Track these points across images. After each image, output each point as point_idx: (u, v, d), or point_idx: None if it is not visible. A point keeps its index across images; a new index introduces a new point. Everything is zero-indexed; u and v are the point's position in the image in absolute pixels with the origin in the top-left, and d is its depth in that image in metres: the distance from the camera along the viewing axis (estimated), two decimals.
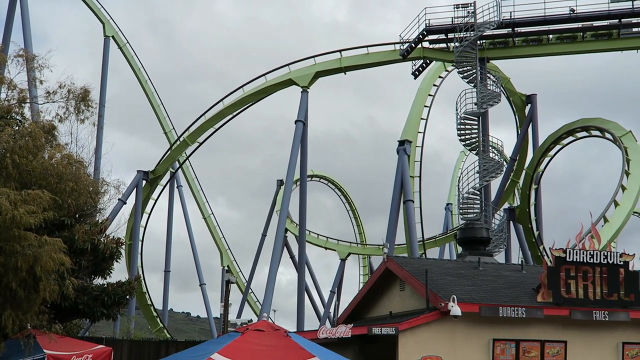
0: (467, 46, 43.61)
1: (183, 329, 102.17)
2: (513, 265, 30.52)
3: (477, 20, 44.13)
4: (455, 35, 44.63)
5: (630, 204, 41.99)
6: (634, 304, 22.16)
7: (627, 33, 44.05)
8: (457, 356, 20.61)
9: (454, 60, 44.67)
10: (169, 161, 55.39)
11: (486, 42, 45.00)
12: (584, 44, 44.97)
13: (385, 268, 25.04)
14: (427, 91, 50.41)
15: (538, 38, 45.28)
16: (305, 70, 48.25)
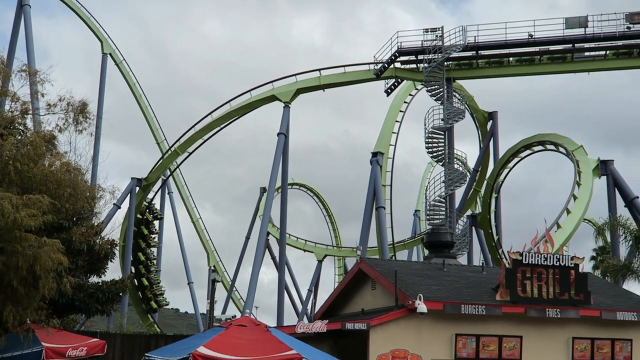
0: (435, 67, 43.85)
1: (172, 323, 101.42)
2: (474, 267, 30.72)
3: (444, 43, 44.39)
4: (424, 57, 44.83)
5: (580, 212, 42.39)
6: (583, 303, 22.40)
7: (579, 57, 44.55)
8: (422, 350, 20.69)
9: (423, 79, 44.86)
10: (161, 169, 55.24)
11: (452, 64, 45.22)
12: (541, 66, 45.40)
13: (358, 269, 25.10)
14: (399, 107, 50.67)
15: (499, 60, 45.65)
16: (287, 87, 48.33)
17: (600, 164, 44.00)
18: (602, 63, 44.71)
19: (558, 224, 43.61)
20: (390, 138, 49.07)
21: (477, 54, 45.03)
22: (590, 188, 42.71)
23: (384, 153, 47.86)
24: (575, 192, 43.61)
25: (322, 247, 69.39)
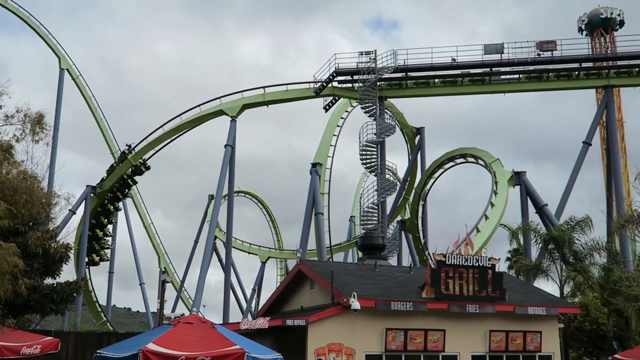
0: (368, 87, 44.30)
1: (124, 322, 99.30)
2: (403, 268, 30.95)
3: (377, 65, 44.92)
4: (359, 77, 45.29)
5: (497, 218, 43.37)
6: (498, 299, 22.78)
7: (496, 79, 45.72)
8: (356, 343, 20.73)
9: (358, 97, 45.26)
10: (115, 177, 54.24)
11: (384, 84, 45.79)
12: (463, 87, 46.35)
13: (298, 270, 25.02)
14: (336, 123, 50.97)
15: (426, 81, 46.42)
16: (234, 102, 48.16)
17: (514, 175, 45.06)
18: (516, 85, 45.95)
19: (477, 228, 44.53)
20: (328, 150, 49.31)
21: (406, 75, 45.70)
22: (505, 196, 43.75)
23: (322, 164, 48.04)
24: (493, 200, 44.62)
25: (266, 250, 69.42)
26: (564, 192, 44.15)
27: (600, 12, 67.73)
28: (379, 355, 21.07)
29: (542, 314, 23.47)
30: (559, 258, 33.09)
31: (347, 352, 20.57)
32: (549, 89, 46.72)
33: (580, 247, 32.90)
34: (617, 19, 67.40)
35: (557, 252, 33.08)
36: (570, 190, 44.10)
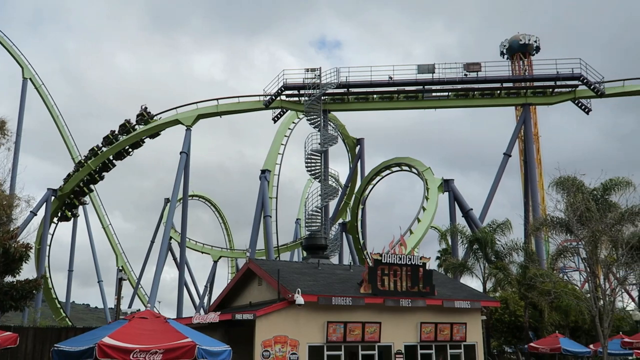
0: (313, 101, 44.42)
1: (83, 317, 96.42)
2: (344, 266, 31.05)
3: (321, 81, 45.11)
4: (305, 92, 45.38)
5: (428, 220, 43.97)
6: (429, 294, 23.06)
7: (428, 96, 46.50)
8: (300, 335, 20.68)
9: (304, 110, 45.33)
10: (74, 181, 52.86)
11: (328, 98, 45.99)
12: (399, 103, 46.98)
13: (247, 268, 24.81)
14: (284, 133, 50.96)
15: (366, 97, 46.87)
16: (189, 113, 47.56)
17: (443, 182, 45.76)
18: (445, 102, 46.83)
19: (410, 230, 45.08)
20: (276, 158, 49.26)
21: (348, 91, 46.03)
22: (435, 201, 44.43)
23: (271, 170, 47.95)
24: (424, 205, 45.24)
25: (218, 249, 68.80)
26: (487, 198, 45.19)
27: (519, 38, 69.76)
28: (321, 346, 21.06)
29: (467, 307, 23.86)
30: (482, 257, 33.80)
31: (292, 343, 20.50)
32: (474, 105, 47.75)
33: (501, 247, 33.66)
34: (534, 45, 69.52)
35: (481, 252, 33.78)
36: (492, 196, 45.13)
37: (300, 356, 20.52)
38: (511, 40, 70.24)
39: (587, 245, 23.68)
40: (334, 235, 48.19)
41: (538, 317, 32.05)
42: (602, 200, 24.01)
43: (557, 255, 29.19)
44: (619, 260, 23.23)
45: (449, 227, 41.41)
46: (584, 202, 23.46)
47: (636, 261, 23.24)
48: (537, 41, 69.91)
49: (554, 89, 45.31)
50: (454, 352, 23.62)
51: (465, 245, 36.60)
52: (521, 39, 69.51)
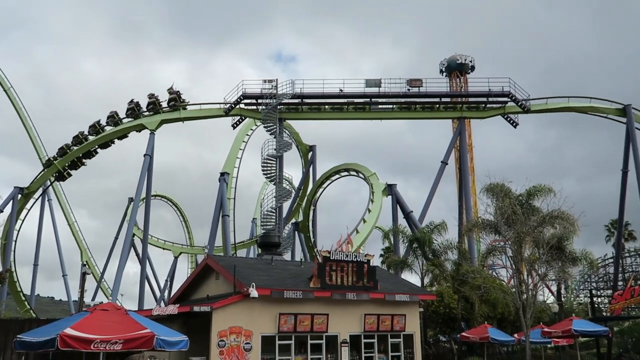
0: (270, 109, 44.23)
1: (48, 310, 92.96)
2: (295, 262, 31.00)
3: (278, 92, 44.97)
4: (262, 101, 45.14)
5: (373, 221, 44.38)
6: (372, 288, 23.18)
7: (375, 108, 46.85)
8: (254, 326, 20.51)
9: (261, 118, 45.06)
10: (42, 180, 51.19)
11: (283, 107, 45.84)
12: (348, 114, 47.20)
13: (205, 263, 24.49)
14: (242, 139, 50.54)
15: (318, 107, 46.90)
16: (153, 118, 46.61)
17: (387, 187, 46.13)
18: (390, 114, 47.31)
19: (357, 230, 45.40)
20: (235, 162, 48.80)
21: (302, 101, 46.03)
22: (380, 204, 44.84)
23: (229, 173, 47.47)
24: (370, 207, 45.66)
25: (178, 246, 67.86)
26: (426, 201, 45.80)
27: (456, 58, 71.39)
28: (273, 336, 20.94)
29: (407, 300, 24.10)
30: (421, 255, 34.22)
31: (246, 333, 20.32)
32: (416, 117, 48.41)
33: (438, 246, 34.14)
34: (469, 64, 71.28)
35: (420, 250, 34.20)
36: (430, 200, 45.78)
37: (254, 345, 20.35)
38: (449, 59, 71.83)
39: (513, 245, 24.21)
40: (287, 233, 48.06)
41: (469, 309, 32.60)
42: (526, 205, 24.57)
43: (487, 253, 29.76)
44: (540, 259, 23.82)
45: (392, 227, 41.82)
46: (510, 207, 23.99)
47: (555, 259, 23.90)
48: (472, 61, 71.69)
49: (486, 105, 46.32)
50: (394, 341, 23.83)
51: (405, 244, 37.01)
52: (458, 59, 71.17)
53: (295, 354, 21.26)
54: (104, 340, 11.22)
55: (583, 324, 26.91)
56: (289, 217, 52.63)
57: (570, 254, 24.06)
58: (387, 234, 43.18)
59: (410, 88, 45.50)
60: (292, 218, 54.34)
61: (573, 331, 25.29)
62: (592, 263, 26.72)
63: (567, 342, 31.44)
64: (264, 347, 20.62)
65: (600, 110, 47.06)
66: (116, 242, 60.26)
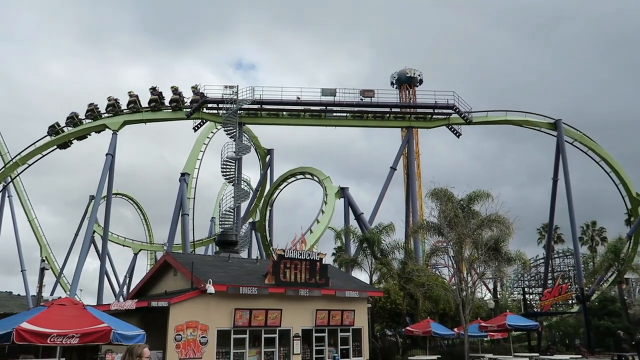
0: (231, 114, 43.74)
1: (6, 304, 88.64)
2: (252, 260, 30.76)
3: (238, 97, 44.53)
4: (223, 106, 44.60)
5: (326, 221, 44.43)
6: (324, 285, 23.28)
7: (330, 116, 46.95)
8: (210, 320, 20.23)
9: (222, 122, 44.51)
10: (2, 177, 48.98)
11: (244, 112, 45.39)
12: (305, 120, 47.12)
13: (164, 260, 24.04)
14: (203, 141, 49.79)
15: (276, 113, 46.64)
16: (116, 118, 45.36)
17: (340, 190, 46.38)
18: (344, 121, 47.51)
19: (311, 230, 45.37)
20: (195, 163, 48.01)
21: (261, 107, 45.67)
22: (333, 205, 44.96)
23: (190, 174, 46.66)
24: (323, 208, 45.72)
25: (138, 243, 66.35)
26: (376, 204, 46.04)
27: (406, 71, 72.61)
28: (228, 330, 20.70)
29: (356, 297, 24.29)
30: (370, 254, 34.49)
31: (202, 328, 20.01)
32: (368, 126, 48.77)
33: (386, 246, 34.50)
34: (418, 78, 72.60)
35: (369, 250, 34.47)
36: (380, 203, 46.10)
37: (210, 339, 20.05)
38: (400, 72, 72.97)
39: (455, 246, 24.64)
40: (245, 232, 47.63)
41: (414, 305, 33.03)
42: (467, 209, 25.07)
43: (431, 253, 30.23)
44: (479, 259, 24.35)
45: (343, 228, 42.02)
46: (453, 210, 24.44)
47: (492, 259, 24.46)
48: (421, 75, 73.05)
49: (433, 115, 47.07)
50: (343, 335, 23.95)
51: (356, 243, 37.24)
52: (408, 72, 72.39)
53: (249, 347, 21.07)
54: (60, 334, 10.79)
55: (516, 319, 27.69)
56: (247, 216, 52.15)
57: (505, 254, 24.68)
58: (339, 234, 43.33)
59: (363, 98, 45.85)
60: (250, 218, 53.90)
61: (507, 325, 25.98)
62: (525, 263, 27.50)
63: (502, 335, 32.28)
64: (219, 341, 20.36)
65: (535, 124, 48.62)
66: (76, 239, 58.40)
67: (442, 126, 47.45)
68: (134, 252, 65.12)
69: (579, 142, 48.64)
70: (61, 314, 11.54)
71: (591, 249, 59.58)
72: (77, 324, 11.18)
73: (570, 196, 45.09)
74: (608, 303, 40.42)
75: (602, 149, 48.82)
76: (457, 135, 47.73)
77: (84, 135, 46.77)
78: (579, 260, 45.27)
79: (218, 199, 66.48)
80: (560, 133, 47.36)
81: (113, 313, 17.22)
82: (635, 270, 43.06)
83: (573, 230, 45.26)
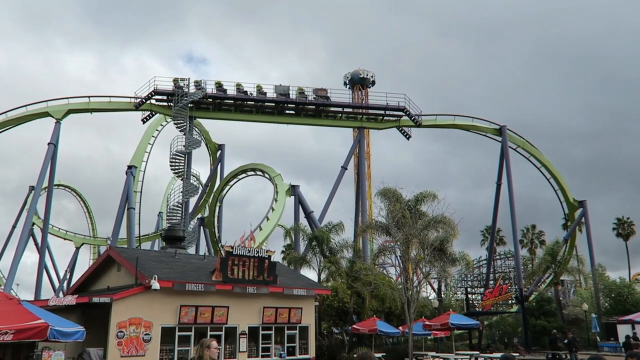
0: (181, 107, 42.90)
1: None
2: (199, 256, 30.28)
3: (189, 90, 43.74)
4: (174, 99, 43.68)
5: (276, 219, 44.28)
6: (272, 282, 23.21)
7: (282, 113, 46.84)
8: (154, 317, 19.79)
9: (172, 115, 43.58)
10: None
11: (194, 106, 44.65)
12: (257, 116, 46.78)
13: (107, 254, 23.31)
14: (151, 133, 48.53)
15: (228, 108, 46.13)
16: (60, 107, 43.49)
17: (290, 187, 46.22)
18: (296, 119, 47.51)
19: (260, 227, 45.11)
20: (143, 156, 46.73)
21: (213, 101, 45.04)
22: (283, 203, 44.84)
23: (137, 167, 45.38)
24: (274, 205, 45.52)
25: (81, 236, 63.85)
26: (326, 203, 46.27)
27: (359, 72, 73.20)
28: (173, 327, 20.31)
29: (304, 295, 24.32)
30: (319, 252, 34.60)
31: (146, 324, 19.54)
32: (320, 124, 48.94)
33: (335, 244, 34.68)
34: (370, 79, 73.31)
35: (318, 248, 34.57)
36: (330, 202, 46.33)
37: (153, 336, 19.61)
38: (353, 73, 73.49)
39: (402, 246, 25.01)
40: (193, 228, 46.79)
41: (361, 303, 33.36)
42: (414, 210, 25.50)
43: (379, 253, 30.57)
44: (425, 259, 24.84)
45: (293, 225, 41.98)
46: (400, 211, 24.80)
47: (437, 260, 25.01)
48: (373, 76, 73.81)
49: (384, 117, 47.76)
50: (290, 332, 23.94)
51: (305, 241, 37.25)
52: (361, 73, 73.00)
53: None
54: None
55: (459, 318, 28.45)
56: (195, 212, 51.29)
57: (450, 255, 25.26)
58: (289, 232, 43.23)
59: (317, 97, 45.99)
60: (198, 213, 53.02)
61: (450, 324, 26.66)
62: (468, 264, 28.26)
63: (445, 334, 33.09)
64: (163, 338, 19.94)
65: (481, 129, 50.07)
66: (14, 231, 55.83)
67: (393, 128, 48.17)
68: (75, 246, 62.82)
69: (521, 149, 50.43)
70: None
71: (530, 252, 62.05)
72: (11, 320, 10.67)
73: (513, 200, 46.68)
74: (545, 303, 42.17)
75: (543, 155, 50.79)
76: (407, 137, 48.55)
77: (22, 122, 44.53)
78: (518, 262, 46.98)
79: (166, 194, 65.02)
80: (504, 139, 48.94)
81: (52, 309, 16.59)
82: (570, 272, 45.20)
83: (514, 233, 46.87)
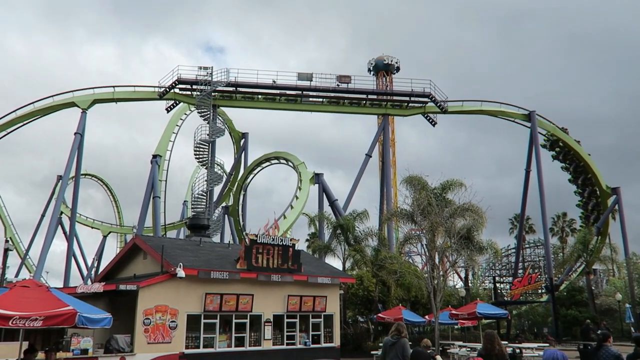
0: (204, 96, 43.20)
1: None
2: (224, 244, 30.52)
3: (213, 79, 43.96)
4: (197, 87, 44.00)
5: (300, 207, 44.47)
6: (296, 271, 23.28)
7: (306, 101, 46.82)
8: (180, 305, 20.06)
9: (196, 104, 43.96)
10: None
11: (218, 95, 44.93)
12: (280, 104, 46.86)
13: (133, 243, 23.68)
14: (175, 122, 49.12)
15: (252, 96, 46.28)
16: (85, 97, 44.26)
17: (314, 176, 46.32)
18: (320, 107, 47.41)
19: (284, 215, 45.31)
20: (167, 145, 47.38)
21: (236, 89, 45.23)
22: (307, 191, 44.99)
23: (162, 156, 46.05)
24: (297, 194, 45.70)
25: (108, 225, 65.42)
26: (350, 191, 46.20)
27: (384, 59, 72.57)
28: (199, 315, 20.57)
29: (328, 283, 24.34)
30: (343, 241, 34.63)
31: (172, 312, 19.83)
32: (344, 112, 48.75)
33: (359, 233, 34.64)
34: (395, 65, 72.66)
35: (343, 236, 34.60)
36: (354, 190, 46.25)
37: (179, 324, 19.89)
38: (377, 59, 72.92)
39: (427, 234, 24.83)
40: (217, 217, 47.29)
41: (386, 292, 33.33)
42: (440, 198, 25.25)
43: (404, 241, 30.52)
44: (451, 247, 24.62)
45: (317, 214, 42.08)
46: (426, 198, 24.57)
47: (464, 248, 24.75)
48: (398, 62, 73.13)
49: (409, 104, 47.31)
50: (315, 321, 24.03)
51: (330, 230, 37.34)
52: (385, 59, 72.38)
53: (220, 332, 21.00)
54: (23, 316, 10.50)
55: (486, 307, 28.13)
56: (220, 201, 51.81)
57: (477, 243, 24.96)
58: (313, 220, 43.36)
59: (339, 84, 45.79)
60: (223, 202, 53.56)
61: (477, 314, 26.38)
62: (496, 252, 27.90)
63: (472, 323, 32.83)
64: (189, 325, 20.22)
65: (509, 115, 49.23)
66: (43, 220, 57.29)
67: (418, 114, 47.70)
68: (103, 234, 64.29)
69: (550, 135, 49.46)
70: (24, 296, 11.23)
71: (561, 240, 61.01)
72: (40, 307, 10.90)
73: (542, 187, 45.89)
74: (576, 293, 41.50)
75: (573, 141, 49.75)
76: (433, 124, 48.03)
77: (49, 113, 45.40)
78: (548, 250, 46.26)
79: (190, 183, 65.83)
80: (534, 124, 48.07)
81: (80, 296, 16.92)
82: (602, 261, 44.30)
83: (544, 221, 46.14)
